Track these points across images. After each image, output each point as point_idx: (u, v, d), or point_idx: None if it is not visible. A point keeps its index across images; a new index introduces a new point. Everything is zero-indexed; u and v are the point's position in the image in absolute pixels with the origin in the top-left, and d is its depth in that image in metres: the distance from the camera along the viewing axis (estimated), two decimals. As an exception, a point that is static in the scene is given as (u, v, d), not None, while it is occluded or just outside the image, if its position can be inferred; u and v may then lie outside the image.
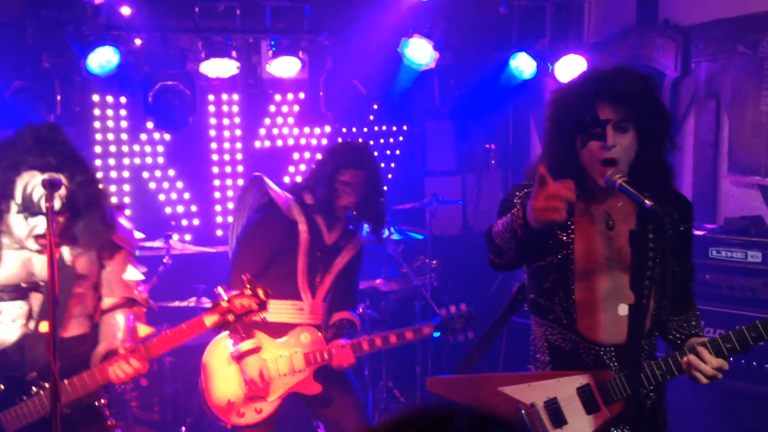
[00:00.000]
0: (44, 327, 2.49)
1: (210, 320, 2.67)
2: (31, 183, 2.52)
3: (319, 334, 3.58)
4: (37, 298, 2.65)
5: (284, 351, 3.49)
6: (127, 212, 5.40)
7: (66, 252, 2.68)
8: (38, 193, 2.51)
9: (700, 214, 4.94)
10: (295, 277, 3.52)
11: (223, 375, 3.48)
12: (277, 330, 3.52)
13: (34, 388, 2.61)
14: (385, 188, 3.79)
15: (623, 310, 2.40)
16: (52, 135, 2.59)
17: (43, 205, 2.47)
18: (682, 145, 5.18)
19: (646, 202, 2.16)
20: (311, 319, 3.59)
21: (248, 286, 2.69)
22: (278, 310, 3.51)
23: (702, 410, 3.97)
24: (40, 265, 2.65)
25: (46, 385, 2.59)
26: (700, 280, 4.04)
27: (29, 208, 2.53)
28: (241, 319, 2.68)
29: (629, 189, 2.24)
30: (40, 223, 2.55)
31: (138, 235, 2.98)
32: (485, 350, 2.84)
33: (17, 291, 2.62)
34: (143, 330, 2.84)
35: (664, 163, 2.38)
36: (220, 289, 2.75)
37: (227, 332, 3.53)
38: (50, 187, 2.34)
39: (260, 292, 2.67)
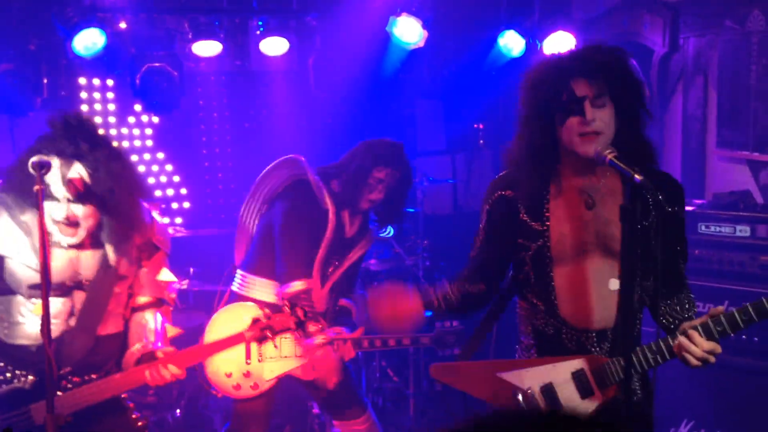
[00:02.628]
0: (38, 310, 2.49)
1: (250, 335, 2.78)
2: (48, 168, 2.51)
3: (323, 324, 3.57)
4: (80, 296, 2.67)
5: (288, 334, 3.49)
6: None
7: (110, 252, 2.69)
8: (53, 176, 2.50)
9: (689, 190, 4.95)
10: (311, 265, 3.53)
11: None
12: None
13: (68, 385, 2.65)
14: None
15: (614, 284, 2.39)
16: (77, 123, 2.59)
17: (57, 190, 2.50)
18: (670, 121, 5.19)
19: (636, 176, 2.14)
20: (315, 306, 3.59)
21: (288, 305, 2.80)
22: None
23: (694, 384, 4.01)
24: (85, 264, 2.68)
25: (76, 379, 2.65)
26: (689, 255, 4.05)
27: (45, 192, 2.51)
28: (276, 336, 2.80)
29: (619, 164, 2.22)
30: (54, 209, 2.53)
31: (170, 231, 3.00)
32: (485, 336, 2.86)
33: (61, 289, 2.64)
34: (171, 330, 2.88)
35: (643, 139, 2.37)
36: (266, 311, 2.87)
37: (237, 303, 3.54)
38: (38, 168, 2.33)
39: (299, 312, 2.77)
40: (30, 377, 2.64)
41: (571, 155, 2.36)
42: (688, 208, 4.20)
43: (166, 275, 2.87)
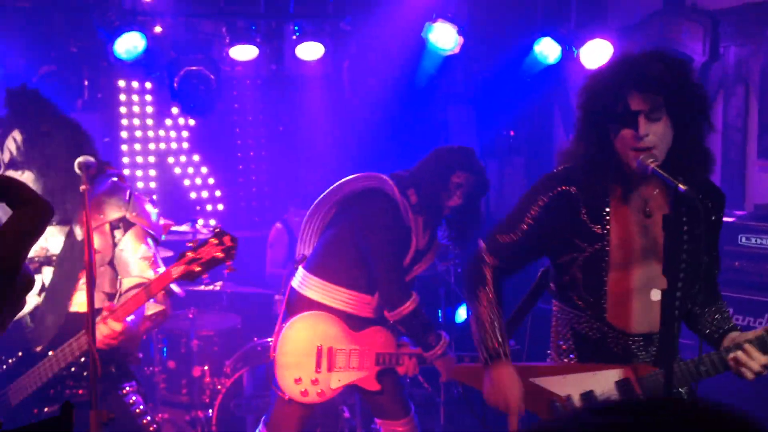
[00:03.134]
0: (83, 307, 2.52)
1: (176, 271, 2.58)
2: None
3: (393, 337, 3.60)
4: (48, 272, 2.72)
5: (358, 346, 3.54)
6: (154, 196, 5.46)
7: (77, 229, 2.73)
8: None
9: (729, 201, 4.87)
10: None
11: (298, 354, 3.50)
12: (355, 323, 3.54)
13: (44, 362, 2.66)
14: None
15: (656, 295, 2.37)
16: (26, 95, 2.69)
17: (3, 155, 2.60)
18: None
19: (680, 186, 2.12)
20: (371, 315, 3.60)
21: (215, 233, 2.62)
22: (347, 300, 3.52)
23: (733, 394, 3.93)
24: (53, 240, 2.73)
25: (50, 353, 2.65)
26: (729, 267, 4.01)
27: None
28: (207, 269, 2.61)
29: (662, 173, 2.21)
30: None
31: (164, 221, 2.97)
32: (509, 337, 2.83)
33: (31, 264, 2.68)
34: (152, 308, 2.83)
35: (701, 148, 2.34)
36: (189, 244, 2.69)
37: (314, 312, 3.51)
38: (85, 168, 2.37)
39: (226, 239, 2.60)
40: (10, 360, 2.67)
41: (628, 164, 2.35)
42: (728, 219, 4.15)
43: (145, 252, 2.82)
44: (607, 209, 2.41)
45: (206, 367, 4.70)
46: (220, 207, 5.92)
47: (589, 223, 2.41)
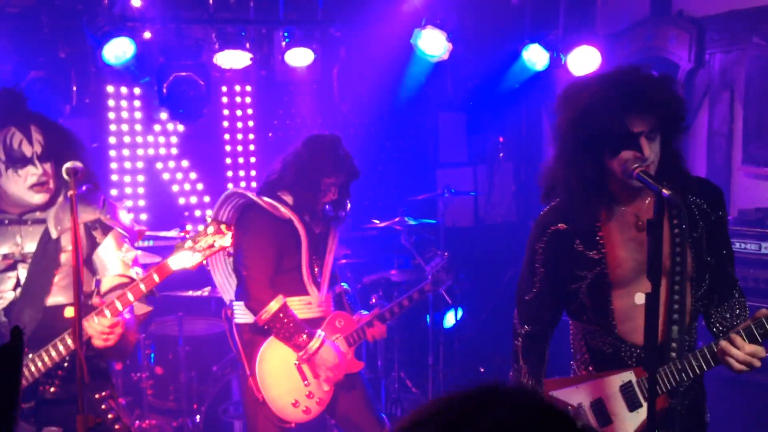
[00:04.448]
0: (70, 312, 2.51)
1: (176, 263, 2.59)
2: (7, 136, 2.64)
3: (350, 315, 3.73)
4: (24, 268, 2.74)
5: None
6: (129, 203, 5.45)
7: (52, 227, 2.75)
8: (17, 139, 2.64)
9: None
10: (299, 273, 3.52)
11: (282, 380, 3.50)
12: (312, 325, 3.54)
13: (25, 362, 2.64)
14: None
15: (640, 299, 2.39)
16: (15, 95, 2.73)
17: (26, 149, 2.65)
18: (695, 136, 5.17)
19: (664, 191, 2.15)
20: (320, 312, 3.62)
21: (209, 223, 2.62)
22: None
23: (723, 403, 3.96)
24: (27, 239, 2.75)
25: (30, 355, 2.64)
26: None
27: (13, 159, 2.64)
28: (207, 256, 2.62)
29: (646, 178, 2.23)
30: (30, 171, 2.66)
31: (138, 228, 2.96)
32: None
33: (5, 261, 2.72)
34: (141, 309, 2.82)
35: (679, 152, 2.40)
36: (186, 235, 2.68)
37: (271, 340, 3.49)
38: (73, 173, 2.37)
39: (222, 227, 2.61)
40: None
41: (619, 181, 2.37)
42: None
43: (125, 251, 2.82)
44: (600, 233, 2.44)
45: (194, 373, 4.69)
46: (209, 213, 5.91)
47: (585, 251, 2.45)
